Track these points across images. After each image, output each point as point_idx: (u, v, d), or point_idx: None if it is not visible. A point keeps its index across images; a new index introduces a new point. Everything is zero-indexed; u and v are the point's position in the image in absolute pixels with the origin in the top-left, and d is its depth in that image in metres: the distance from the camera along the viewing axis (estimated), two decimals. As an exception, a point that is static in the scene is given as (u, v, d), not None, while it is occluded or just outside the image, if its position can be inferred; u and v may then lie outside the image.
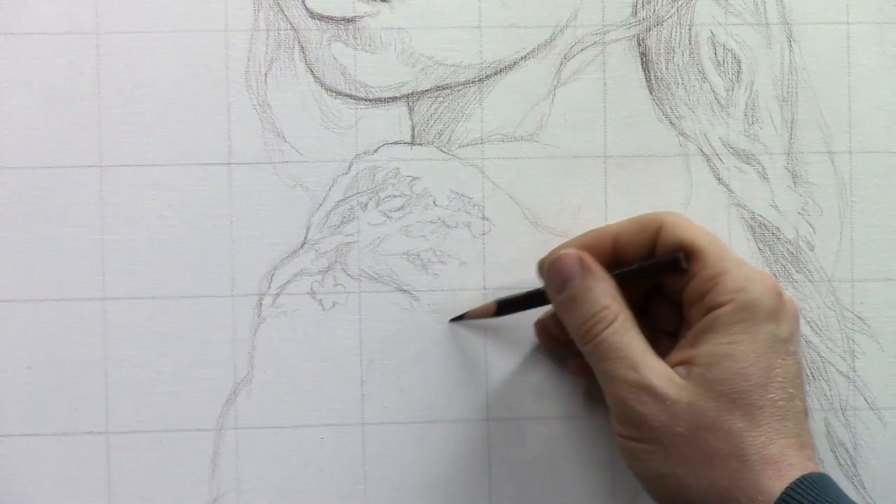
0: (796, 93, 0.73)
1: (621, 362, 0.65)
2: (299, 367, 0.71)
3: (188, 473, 0.71)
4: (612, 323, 0.65)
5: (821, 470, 0.63)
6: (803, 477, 0.61)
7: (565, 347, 0.70)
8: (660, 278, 0.68)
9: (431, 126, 0.72)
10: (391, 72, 0.72)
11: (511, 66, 0.72)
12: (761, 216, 0.73)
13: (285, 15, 0.72)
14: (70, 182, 0.71)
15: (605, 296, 0.66)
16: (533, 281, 0.70)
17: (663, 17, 0.73)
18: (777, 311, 0.65)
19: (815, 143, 0.73)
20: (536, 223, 0.72)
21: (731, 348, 0.63)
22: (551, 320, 0.71)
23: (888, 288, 0.73)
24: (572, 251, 0.67)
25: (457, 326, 0.71)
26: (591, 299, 0.66)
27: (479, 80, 0.72)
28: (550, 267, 0.67)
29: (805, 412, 0.65)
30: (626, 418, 0.64)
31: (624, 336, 0.65)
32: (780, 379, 0.64)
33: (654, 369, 0.64)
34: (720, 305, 0.64)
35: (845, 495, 0.62)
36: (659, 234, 0.67)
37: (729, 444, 0.62)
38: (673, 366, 0.65)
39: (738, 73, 0.73)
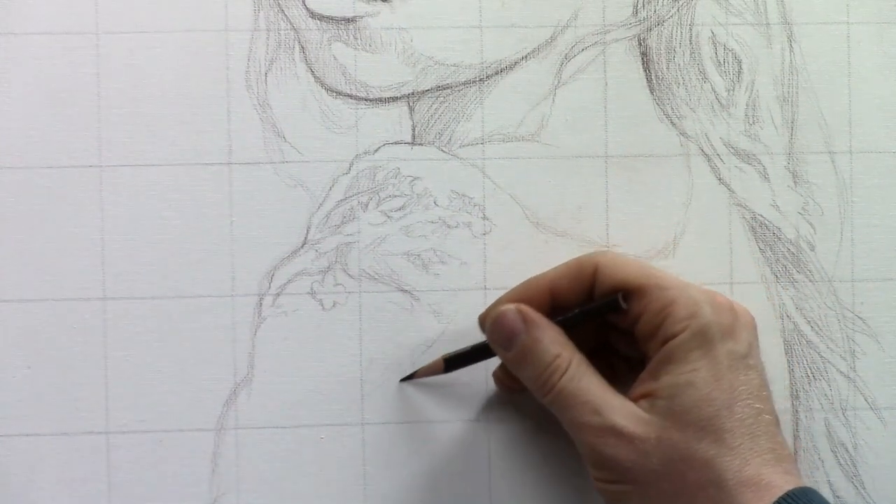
0: (797, 93, 0.73)
1: (583, 408, 0.64)
2: (299, 367, 0.71)
3: (188, 473, 0.71)
4: (566, 370, 0.65)
5: (801, 481, 0.63)
6: (786, 495, 0.61)
7: (525, 392, 0.69)
8: (603, 318, 0.68)
9: (432, 126, 0.72)
10: (392, 72, 0.72)
11: (512, 66, 0.72)
12: (762, 216, 0.73)
13: (285, 15, 0.72)
14: (70, 182, 0.71)
15: (554, 344, 0.66)
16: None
17: (664, 16, 0.73)
18: (731, 327, 0.65)
19: (816, 143, 0.73)
20: (537, 223, 0.72)
21: (692, 376, 0.63)
22: (501, 370, 0.70)
23: (889, 288, 0.73)
24: (511, 306, 0.67)
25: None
26: (540, 351, 0.66)
27: (480, 80, 0.72)
28: (493, 326, 0.67)
29: (776, 423, 0.65)
30: (598, 462, 0.64)
31: (581, 381, 0.65)
32: (745, 396, 0.64)
33: (617, 409, 0.64)
34: (675, 335, 0.64)
35: None
36: (595, 275, 0.67)
37: (704, 472, 0.62)
38: (635, 400, 0.65)
39: (739, 72, 0.73)
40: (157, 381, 0.71)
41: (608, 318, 0.68)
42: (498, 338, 0.67)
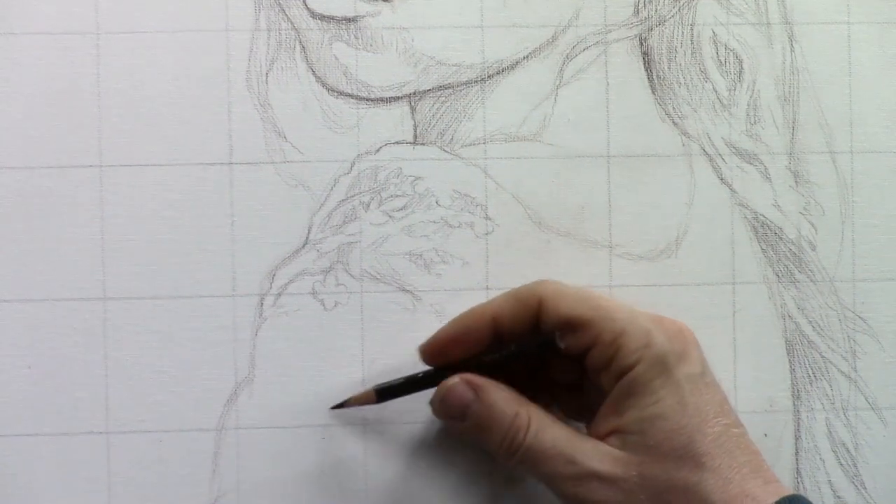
0: (798, 92, 0.73)
1: (556, 460, 0.64)
2: (300, 368, 0.71)
3: (188, 473, 0.71)
4: (528, 427, 0.65)
5: (782, 487, 0.63)
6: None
7: None
8: (543, 357, 0.68)
9: (434, 126, 0.72)
10: (393, 71, 0.72)
11: (513, 66, 0.72)
12: (763, 216, 0.73)
13: (286, 15, 0.72)
14: (70, 182, 0.71)
15: (509, 404, 0.65)
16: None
17: (665, 16, 0.73)
18: (684, 351, 0.65)
19: (817, 142, 0.73)
20: (539, 223, 0.72)
21: (657, 408, 0.63)
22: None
23: (889, 288, 0.73)
24: (456, 378, 0.66)
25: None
26: (496, 415, 0.65)
27: (482, 79, 0.72)
28: (441, 402, 0.67)
29: (744, 433, 0.65)
30: None
31: (546, 434, 0.65)
32: (712, 416, 0.64)
33: (591, 453, 0.64)
34: (630, 367, 0.64)
35: None
36: (540, 308, 0.66)
37: (691, 498, 0.62)
38: (603, 438, 0.64)
39: (740, 72, 0.73)
40: (157, 381, 0.71)
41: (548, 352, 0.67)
42: (451, 413, 0.67)
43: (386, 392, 0.69)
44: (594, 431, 0.65)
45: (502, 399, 0.66)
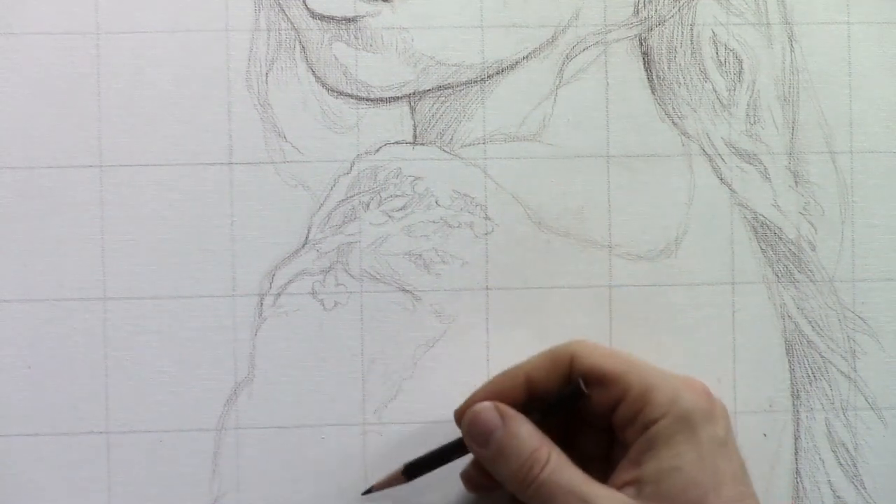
0: (797, 92, 0.73)
1: (569, 497, 0.64)
2: (300, 367, 0.71)
3: (188, 473, 0.71)
4: (547, 463, 0.65)
5: None
6: None
7: (497, 493, 0.69)
8: (573, 408, 0.67)
9: (433, 126, 0.72)
10: (393, 72, 0.72)
11: (513, 66, 0.72)
12: (763, 216, 0.73)
13: (286, 15, 0.72)
14: (70, 182, 0.71)
15: (532, 438, 0.65)
16: (535, 280, 0.71)
17: (665, 16, 0.73)
18: (711, 412, 0.65)
19: (817, 142, 0.73)
20: (539, 223, 0.72)
21: (677, 460, 0.63)
22: (474, 470, 0.70)
23: (889, 288, 0.73)
24: (487, 403, 0.66)
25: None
26: (519, 445, 0.65)
27: (481, 79, 0.72)
28: (470, 424, 0.67)
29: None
30: None
31: (563, 472, 0.65)
32: (729, 479, 0.64)
33: (604, 497, 0.64)
34: (656, 420, 0.64)
35: None
36: (571, 365, 0.66)
37: None
38: (619, 488, 0.64)
39: (740, 72, 0.73)
40: (157, 381, 0.71)
41: (586, 411, 0.67)
42: (476, 437, 0.66)
43: (415, 468, 0.69)
44: (612, 482, 0.65)
45: (526, 432, 0.66)
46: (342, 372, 0.71)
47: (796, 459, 0.73)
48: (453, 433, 0.69)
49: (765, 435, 0.72)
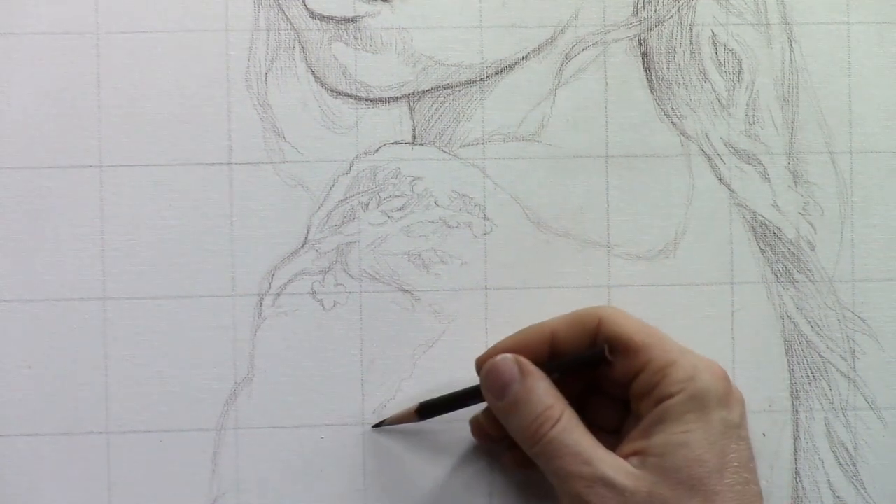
0: (797, 93, 0.73)
1: (573, 458, 0.64)
2: (300, 367, 0.71)
3: (188, 473, 0.71)
4: (558, 421, 0.65)
5: None
6: None
7: (501, 445, 0.70)
8: (592, 372, 0.68)
9: (432, 126, 0.72)
10: (392, 72, 0.72)
11: (512, 66, 0.72)
12: (762, 216, 0.73)
13: (286, 15, 0.72)
14: (70, 182, 0.71)
15: (547, 395, 0.66)
16: (534, 280, 0.71)
17: (664, 16, 0.73)
18: (727, 397, 0.65)
19: (816, 142, 0.73)
20: (538, 223, 0.72)
21: (685, 437, 0.64)
22: (484, 418, 0.70)
23: (889, 288, 0.73)
24: (508, 355, 0.67)
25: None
26: (533, 401, 0.66)
27: (480, 79, 0.72)
28: (488, 374, 0.67)
29: (760, 496, 0.65)
30: None
31: (572, 433, 0.65)
32: (735, 464, 0.64)
33: (608, 462, 0.64)
34: (671, 396, 0.64)
35: None
36: (598, 329, 0.67)
37: None
38: (625, 457, 0.65)
39: (739, 72, 0.73)
40: (157, 381, 0.71)
41: (605, 378, 0.68)
42: (492, 386, 0.67)
43: (428, 409, 0.70)
44: (619, 451, 0.65)
45: (543, 388, 0.66)
46: (341, 372, 0.71)
47: (796, 459, 0.73)
48: (454, 433, 0.69)
49: (764, 435, 0.72)
